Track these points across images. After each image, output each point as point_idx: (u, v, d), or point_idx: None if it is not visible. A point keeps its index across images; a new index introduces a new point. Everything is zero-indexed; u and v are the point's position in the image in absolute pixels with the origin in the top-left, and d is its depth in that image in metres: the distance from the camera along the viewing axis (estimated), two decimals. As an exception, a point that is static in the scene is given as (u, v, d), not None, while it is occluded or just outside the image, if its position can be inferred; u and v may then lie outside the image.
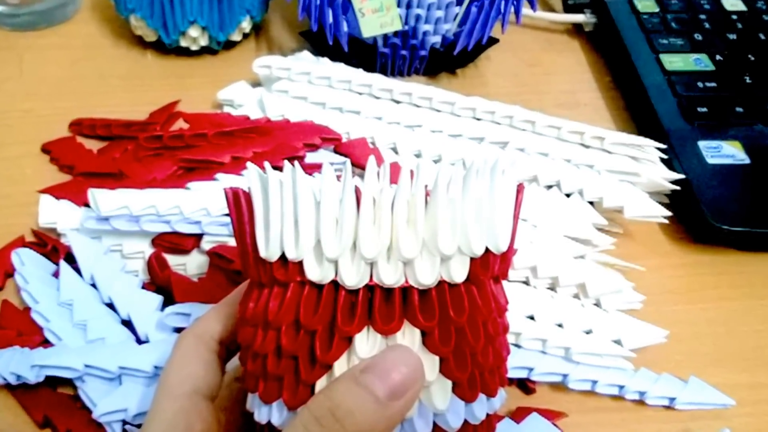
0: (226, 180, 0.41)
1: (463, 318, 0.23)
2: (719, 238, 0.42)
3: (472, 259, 0.24)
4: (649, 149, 0.43)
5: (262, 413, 0.25)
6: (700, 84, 0.49)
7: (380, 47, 0.50)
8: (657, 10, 0.55)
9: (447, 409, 0.24)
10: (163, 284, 0.37)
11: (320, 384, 0.23)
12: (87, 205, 0.39)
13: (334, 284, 0.24)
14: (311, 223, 0.23)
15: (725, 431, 0.34)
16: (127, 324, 0.36)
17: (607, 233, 0.42)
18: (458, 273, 0.24)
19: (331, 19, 0.48)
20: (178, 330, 0.35)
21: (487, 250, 0.24)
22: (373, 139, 0.45)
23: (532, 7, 0.52)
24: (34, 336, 0.35)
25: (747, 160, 0.44)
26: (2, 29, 0.54)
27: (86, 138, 0.47)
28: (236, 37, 0.53)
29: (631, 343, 0.36)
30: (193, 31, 0.50)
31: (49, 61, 0.52)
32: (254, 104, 0.48)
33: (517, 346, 0.36)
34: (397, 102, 0.47)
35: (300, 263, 0.24)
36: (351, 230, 0.23)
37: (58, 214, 0.40)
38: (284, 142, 0.43)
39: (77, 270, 0.37)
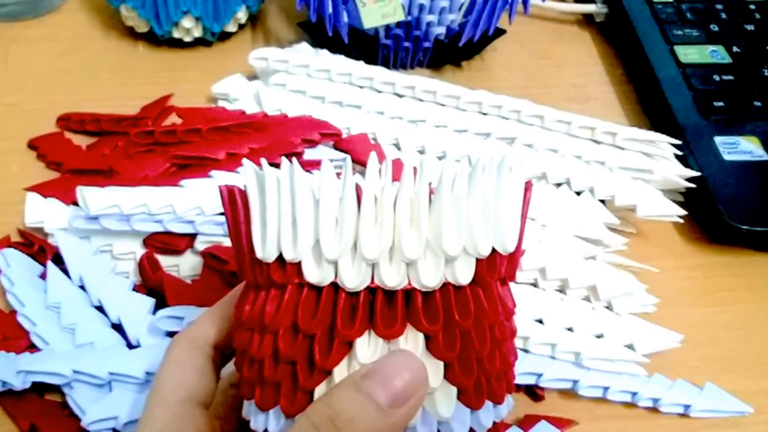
0: (220, 177, 0.41)
1: (469, 321, 0.23)
2: (736, 238, 0.42)
3: (477, 260, 0.24)
4: (663, 145, 0.43)
5: (258, 421, 0.25)
6: (716, 77, 0.49)
7: (382, 39, 0.50)
8: (671, -1, 0.55)
9: (452, 416, 0.24)
10: (155, 286, 0.37)
11: (319, 390, 0.23)
12: (75, 203, 0.39)
13: (334, 286, 0.24)
14: (310, 222, 0.23)
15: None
16: (118, 328, 0.36)
17: (619, 233, 0.42)
18: (463, 274, 0.24)
19: (330, 9, 0.48)
20: (171, 334, 0.35)
21: (493, 250, 0.24)
22: (375, 134, 0.45)
23: (541, -4, 0.52)
24: (20, 340, 0.35)
25: (765, 157, 0.44)
26: (-13, 20, 0.54)
27: (75, 133, 0.47)
28: (231, 27, 0.53)
29: (644, 347, 0.36)
30: (187, 22, 0.50)
31: (35, 53, 0.52)
32: (250, 98, 0.48)
33: (525, 351, 0.36)
34: (400, 96, 0.47)
35: (298, 264, 0.23)
36: (351, 230, 0.23)
37: (45, 213, 0.40)
38: (281, 138, 0.43)
39: (65, 271, 0.37)
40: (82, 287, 0.37)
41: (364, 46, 0.50)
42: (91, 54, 0.52)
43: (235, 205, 0.25)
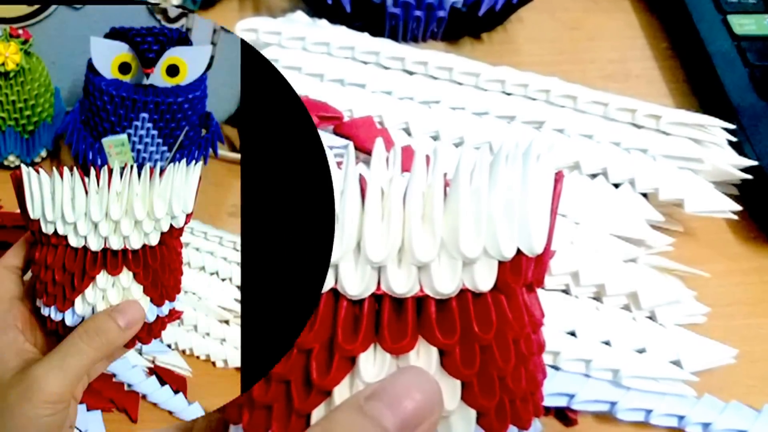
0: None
1: (490, 334, 0.23)
2: (800, 237, 0.42)
3: (500, 262, 0.24)
4: (715, 130, 0.43)
5: (247, 448, 0.25)
6: (776, 51, 0.49)
7: (390, 7, 0.50)
8: (724, -39, 0.55)
9: (470, 444, 0.24)
10: None
11: (317, 414, 0.23)
12: None
13: (334, 293, 0.24)
14: (306, 219, 0.23)
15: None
16: None
17: (663, 232, 0.42)
18: (484, 280, 0.23)
19: (330, -26, 0.48)
20: None
21: (518, 252, 0.24)
22: (381, 117, 0.45)
23: (573, -42, 0.52)
24: None
25: (834, 144, 0.44)
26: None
27: None
28: (216, -5, 0.53)
29: (692, 364, 0.36)
30: (165, -12, 0.51)
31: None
32: (238, 76, 0.48)
33: (555, 368, 0.36)
34: (411, 73, 0.47)
35: (293, 268, 0.24)
36: (354, 228, 0.23)
37: None
38: (274, 122, 0.43)
39: None
40: None
41: (369, 16, 0.50)
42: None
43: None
